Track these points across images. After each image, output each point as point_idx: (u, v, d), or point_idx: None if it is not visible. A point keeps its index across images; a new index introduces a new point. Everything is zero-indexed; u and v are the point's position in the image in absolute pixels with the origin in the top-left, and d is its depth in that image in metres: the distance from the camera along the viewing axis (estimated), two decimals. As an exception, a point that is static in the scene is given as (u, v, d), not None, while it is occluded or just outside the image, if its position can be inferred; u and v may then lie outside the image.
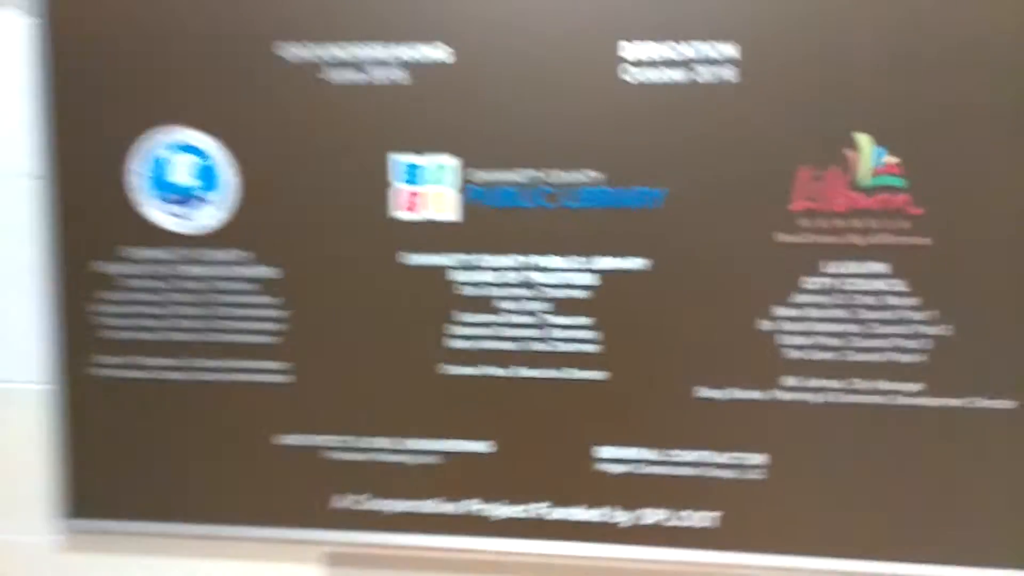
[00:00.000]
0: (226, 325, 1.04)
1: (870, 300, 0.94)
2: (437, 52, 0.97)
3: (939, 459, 0.95)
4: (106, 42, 1.01)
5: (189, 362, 1.05)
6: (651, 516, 1.00)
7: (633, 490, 1.00)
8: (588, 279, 0.98)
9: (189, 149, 1.03)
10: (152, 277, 1.04)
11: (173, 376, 1.05)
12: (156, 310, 1.04)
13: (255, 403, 1.04)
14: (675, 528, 1.00)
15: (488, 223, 0.98)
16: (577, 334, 0.99)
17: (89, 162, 1.03)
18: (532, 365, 1.00)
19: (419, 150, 0.98)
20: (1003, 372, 0.93)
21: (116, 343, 1.05)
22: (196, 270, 1.03)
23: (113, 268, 1.04)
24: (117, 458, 1.07)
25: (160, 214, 1.04)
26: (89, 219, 1.03)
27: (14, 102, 1.06)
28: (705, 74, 0.94)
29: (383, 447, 1.03)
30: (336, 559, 1.08)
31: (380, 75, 0.98)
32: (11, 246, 1.08)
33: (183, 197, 1.03)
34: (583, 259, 0.97)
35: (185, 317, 1.04)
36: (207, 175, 1.03)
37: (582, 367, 0.99)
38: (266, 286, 1.02)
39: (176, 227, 1.03)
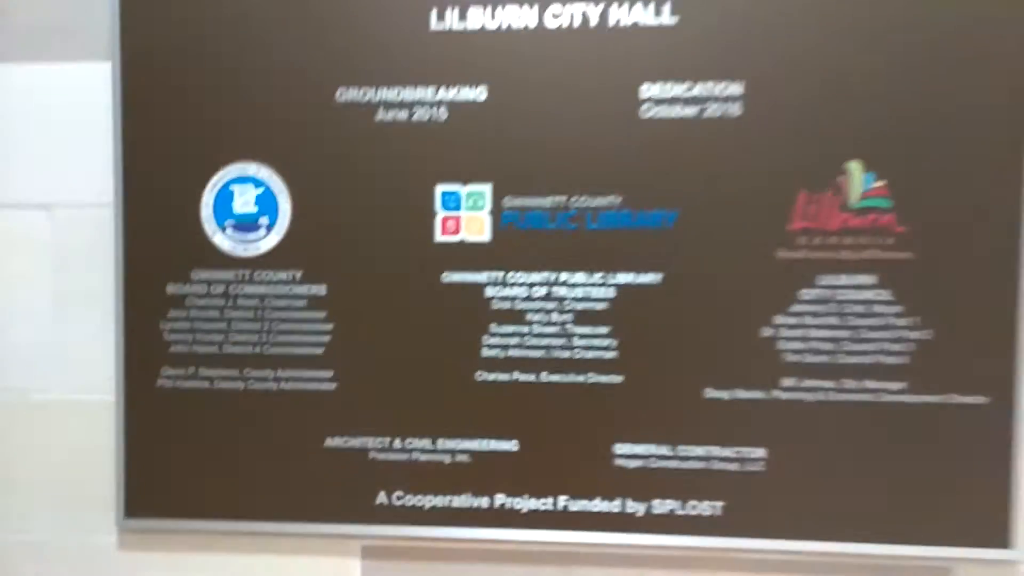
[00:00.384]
0: (278, 339, 0.89)
1: (859, 309, 0.84)
2: (473, 92, 0.87)
3: (920, 449, 0.83)
4: (179, 86, 0.89)
5: (245, 372, 0.90)
6: (662, 506, 0.86)
7: (646, 483, 0.86)
8: (607, 292, 0.86)
9: (250, 180, 0.89)
10: (214, 296, 0.90)
11: (230, 385, 0.90)
12: (217, 325, 0.90)
13: (305, 409, 0.89)
14: (684, 517, 0.86)
15: (518, 244, 0.86)
16: (596, 342, 0.86)
17: (165, 194, 0.90)
18: (556, 371, 0.87)
19: (457, 180, 0.87)
20: (976, 371, 0.82)
21: (181, 356, 0.90)
22: (252, 288, 0.90)
23: (183, 289, 0.90)
24: (178, 462, 0.91)
25: (224, 240, 0.89)
26: (164, 246, 0.90)
27: (99, 141, 0.92)
28: (713, 110, 0.84)
29: (421, 447, 0.88)
30: (376, 552, 0.91)
31: (423, 114, 0.87)
32: (90, 270, 0.92)
33: (244, 224, 0.89)
34: (602, 275, 0.86)
35: (242, 331, 0.89)
36: (265, 203, 0.89)
37: (601, 372, 0.86)
38: (313, 302, 0.89)
39: (237, 251, 0.89)
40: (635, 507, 0.87)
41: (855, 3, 0.82)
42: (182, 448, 0.91)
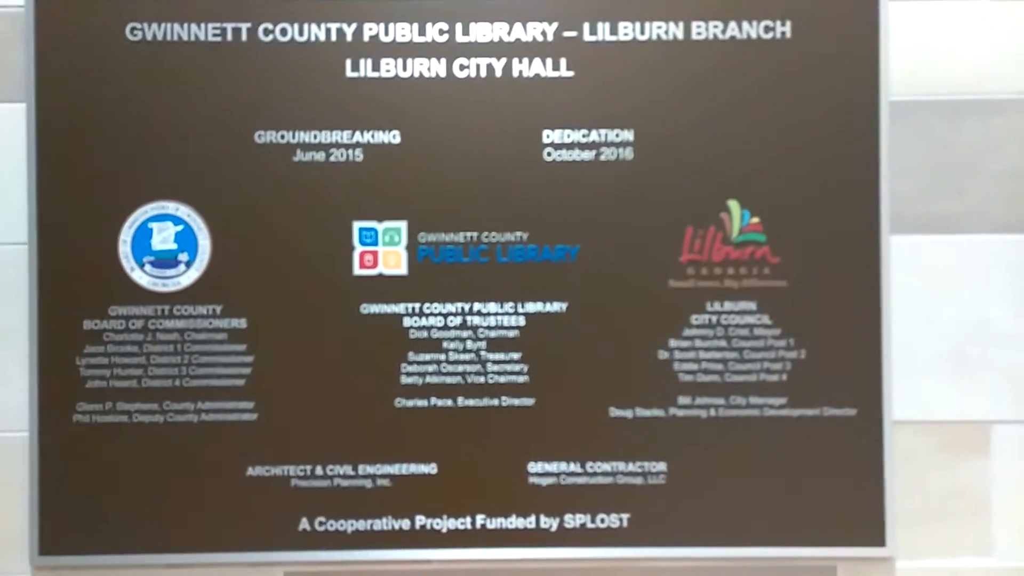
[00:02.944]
0: (199, 371, 0.90)
1: (743, 332, 0.91)
2: (387, 136, 0.91)
3: (802, 458, 0.91)
4: (95, 127, 0.90)
5: (165, 405, 0.90)
6: (573, 520, 0.91)
7: (558, 499, 0.91)
8: (517, 321, 0.91)
9: (169, 218, 0.91)
10: (133, 331, 0.90)
11: (150, 419, 0.90)
12: (136, 360, 0.90)
13: (226, 440, 0.90)
14: (594, 529, 0.91)
15: (434, 276, 0.91)
16: (509, 367, 0.91)
17: (81, 232, 0.90)
18: (472, 395, 0.91)
19: (374, 217, 0.91)
20: (845, 387, 0.91)
21: (98, 391, 0.90)
22: (171, 323, 0.90)
23: (100, 325, 0.90)
24: (95, 497, 0.90)
25: (143, 276, 0.90)
26: (80, 283, 0.90)
27: (14, 181, 0.91)
28: (608, 154, 0.91)
29: (342, 473, 0.90)
30: None
31: (340, 155, 0.91)
32: (3, 309, 0.92)
33: (163, 260, 0.91)
34: (513, 304, 0.91)
35: (161, 365, 0.90)
36: (185, 240, 0.91)
37: (514, 395, 0.91)
38: (233, 335, 0.90)
39: (156, 287, 0.90)
40: (548, 522, 0.92)
41: (725, 61, 0.92)
42: (99, 482, 0.91)
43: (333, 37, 0.92)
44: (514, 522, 0.92)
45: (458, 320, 0.92)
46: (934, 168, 0.93)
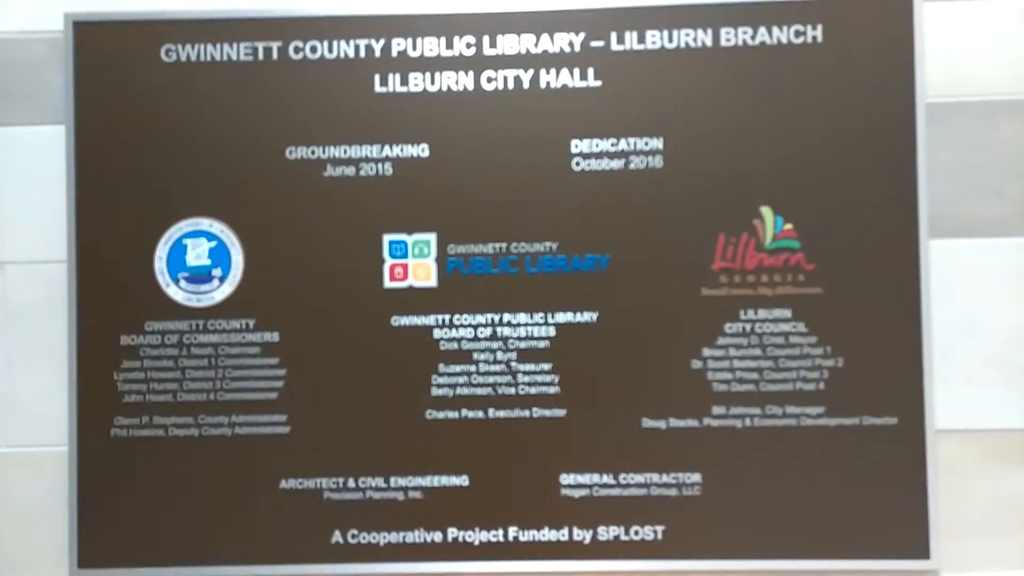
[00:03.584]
0: (232, 385, 0.91)
1: (778, 340, 0.90)
2: (416, 149, 0.92)
3: (841, 469, 0.89)
4: (131, 147, 0.92)
5: (199, 419, 0.91)
6: (607, 533, 0.90)
7: (591, 511, 0.90)
8: (548, 331, 0.90)
9: (203, 234, 0.92)
10: (168, 345, 0.91)
11: (185, 433, 0.91)
12: (171, 375, 0.91)
13: (259, 453, 0.91)
14: (627, 542, 0.90)
15: (463, 288, 0.91)
16: (540, 378, 0.90)
17: (118, 250, 0.92)
18: (502, 407, 0.91)
19: (404, 230, 0.91)
20: (884, 395, 0.89)
21: (135, 406, 0.91)
22: (205, 338, 0.92)
23: (136, 340, 0.92)
24: (132, 510, 0.91)
25: (178, 291, 0.92)
26: (117, 299, 0.92)
27: (53, 200, 0.93)
28: (637, 163, 0.91)
29: (374, 486, 0.90)
30: None
31: (369, 169, 0.92)
32: (42, 326, 0.93)
33: (198, 276, 0.92)
34: (543, 315, 0.91)
35: (196, 380, 0.91)
36: (218, 256, 0.92)
37: (545, 406, 0.90)
38: (266, 349, 0.91)
39: (191, 302, 0.92)
40: (581, 535, 0.91)
41: (755, 67, 0.91)
42: (136, 496, 0.92)
43: (362, 53, 0.93)
44: (547, 534, 0.91)
45: (488, 331, 0.91)
46: (972, 171, 0.91)
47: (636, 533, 0.90)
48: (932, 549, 0.89)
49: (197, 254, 0.93)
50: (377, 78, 0.93)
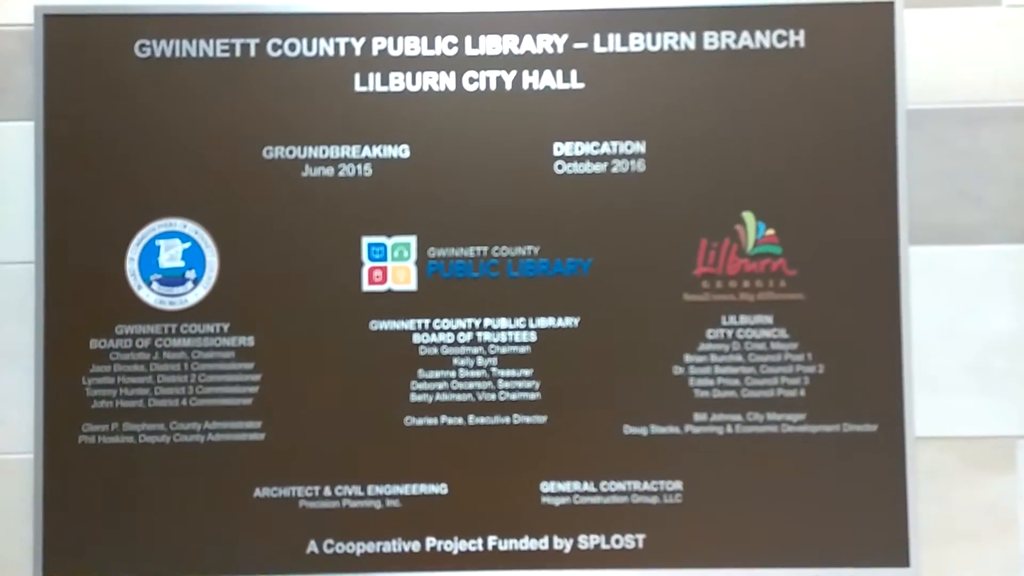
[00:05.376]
0: (206, 391, 0.88)
1: (760, 346, 0.89)
2: (396, 150, 0.90)
3: (822, 476, 0.88)
4: (103, 144, 0.89)
5: (172, 426, 0.88)
6: (587, 541, 0.88)
7: (572, 519, 0.88)
8: (529, 336, 0.89)
9: (177, 235, 0.89)
10: (139, 349, 0.89)
11: (156, 439, 0.88)
12: (142, 379, 0.88)
13: (233, 460, 0.88)
14: (608, 550, 0.88)
15: (443, 292, 0.89)
16: (520, 384, 0.89)
17: (88, 250, 0.89)
18: (483, 413, 0.89)
19: (383, 232, 0.90)
20: (865, 401, 0.89)
21: (104, 412, 0.88)
22: (178, 342, 0.89)
23: (106, 344, 0.89)
24: (100, 519, 0.88)
25: (150, 294, 0.89)
26: (87, 301, 0.89)
27: (21, 198, 0.90)
28: (620, 166, 0.90)
29: (351, 494, 0.88)
30: None
31: (348, 170, 0.90)
32: (9, 328, 0.90)
33: (171, 278, 0.89)
34: (524, 320, 0.89)
35: (168, 385, 0.88)
36: (192, 258, 0.89)
37: (525, 413, 0.89)
38: (241, 353, 0.89)
39: (163, 305, 0.89)
40: (562, 543, 0.89)
41: (738, 71, 0.91)
42: (105, 505, 0.89)
43: (342, 52, 0.91)
44: (527, 543, 0.89)
45: (468, 336, 0.90)
46: (953, 177, 0.91)
47: (617, 542, 0.89)
48: (912, 556, 0.88)
49: (170, 255, 0.90)
50: (357, 77, 0.91)
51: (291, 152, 0.90)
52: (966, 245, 0.91)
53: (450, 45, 0.91)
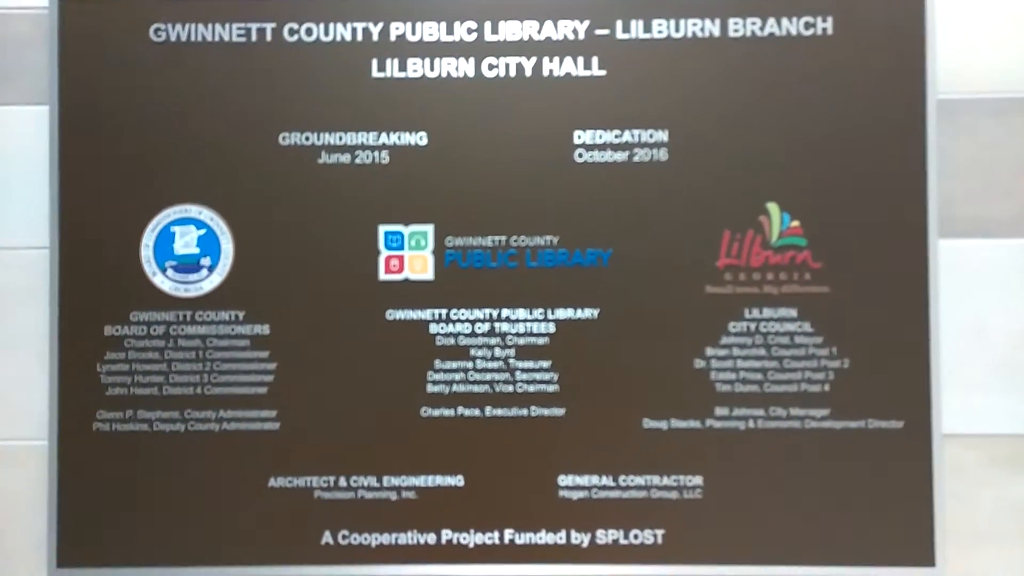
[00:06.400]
0: (219, 379, 0.87)
1: (783, 340, 0.87)
2: (414, 137, 0.88)
3: (845, 473, 0.86)
4: (118, 129, 0.88)
5: (186, 414, 0.87)
6: (605, 536, 0.87)
7: (590, 514, 0.87)
8: (547, 328, 0.87)
9: (192, 222, 0.88)
10: (154, 337, 0.87)
11: (171, 427, 0.87)
12: (157, 367, 0.87)
13: (248, 449, 0.87)
14: (627, 546, 0.87)
15: (461, 281, 0.88)
16: (538, 376, 0.87)
17: (103, 236, 0.88)
18: (500, 405, 0.87)
19: (400, 221, 0.88)
20: (891, 397, 0.86)
21: (118, 399, 0.87)
22: (193, 329, 0.88)
23: (121, 331, 0.88)
24: (114, 507, 0.87)
25: (165, 281, 0.88)
26: (102, 288, 0.88)
27: (36, 184, 0.90)
28: (642, 155, 0.88)
29: (366, 485, 0.87)
30: None
31: (365, 157, 0.88)
32: (24, 314, 0.89)
33: (186, 265, 0.88)
34: (543, 311, 0.87)
35: (183, 373, 0.87)
36: (207, 245, 0.88)
37: (543, 405, 0.87)
38: (256, 342, 0.87)
39: (178, 292, 0.88)
40: (579, 538, 0.88)
41: (763, 59, 0.88)
42: (119, 493, 0.88)
43: (359, 37, 0.89)
44: (544, 537, 0.88)
45: (486, 327, 0.88)
46: (983, 169, 0.89)
47: (636, 537, 0.87)
48: (937, 556, 0.86)
49: (185, 242, 0.89)
50: (375, 63, 0.89)
51: (307, 139, 0.89)
52: (996, 239, 0.89)
53: (469, 31, 0.89)
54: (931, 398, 0.87)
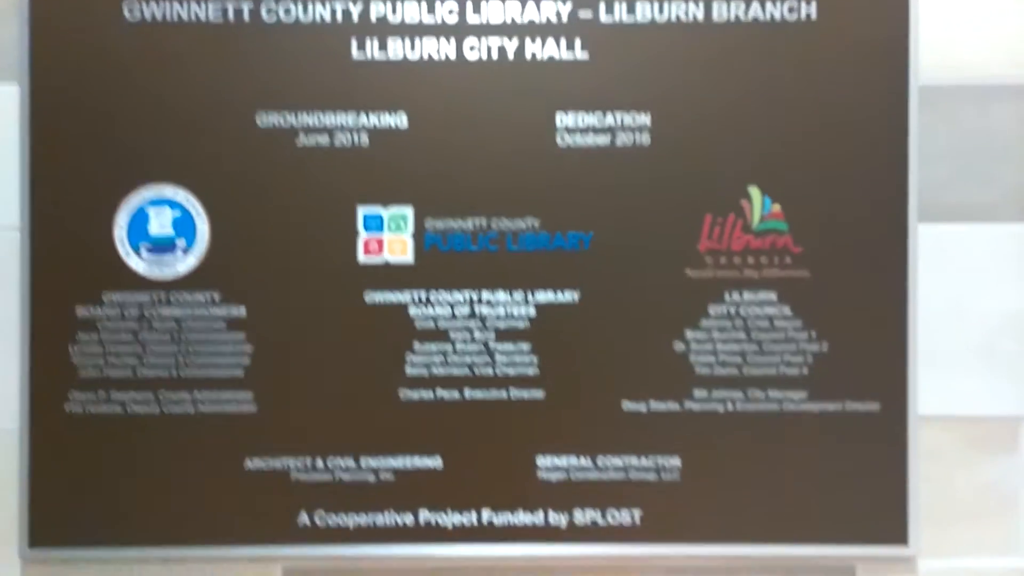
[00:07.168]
0: (195, 360, 0.86)
1: (763, 323, 0.87)
2: (394, 119, 0.87)
3: (822, 454, 0.87)
4: (91, 108, 0.86)
5: (161, 395, 0.86)
6: (583, 517, 0.87)
7: (568, 494, 0.87)
8: (527, 311, 0.87)
9: (167, 203, 0.86)
10: (128, 318, 0.86)
11: (145, 409, 0.85)
12: (131, 348, 0.86)
13: (224, 431, 0.86)
14: (605, 526, 0.87)
15: (441, 264, 0.87)
16: (518, 359, 0.87)
17: (76, 216, 0.86)
18: (479, 387, 0.87)
19: (380, 202, 0.87)
20: (868, 380, 0.87)
21: (91, 381, 0.86)
22: (168, 311, 0.86)
23: (94, 312, 0.86)
24: (88, 488, 0.86)
25: (139, 262, 0.86)
26: (74, 268, 0.86)
27: (6, 163, 0.86)
28: (624, 139, 0.87)
29: (344, 466, 0.86)
30: (298, 573, 0.87)
31: (345, 139, 0.87)
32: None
33: (161, 246, 0.86)
34: (523, 293, 0.87)
35: (158, 354, 0.86)
36: (183, 226, 0.86)
37: (523, 387, 0.87)
38: (233, 323, 0.86)
39: (153, 273, 0.86)
40: (558, 518, 0.88)
41: (746, 44, 0.87)
42: (92, 474, 0.87)
43: (339, 17, 0.87)
44: (522, 518, 0.87)
45: (466, 310, 0.87)
46: (965, 155, 0.89)
47: (613, 517, 0.87)
48: (911, 535, 0.87)
49: (160, 223, 0.87)
50: (354, 43, 0.87)
51: (285, 120, 0.87)
52: (976, 223, 0.89)
53: (451, 12, 0.88)
54: (908, 380, 0.87)
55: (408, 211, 0.87)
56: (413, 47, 0.88)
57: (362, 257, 0.87)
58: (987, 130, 0.89)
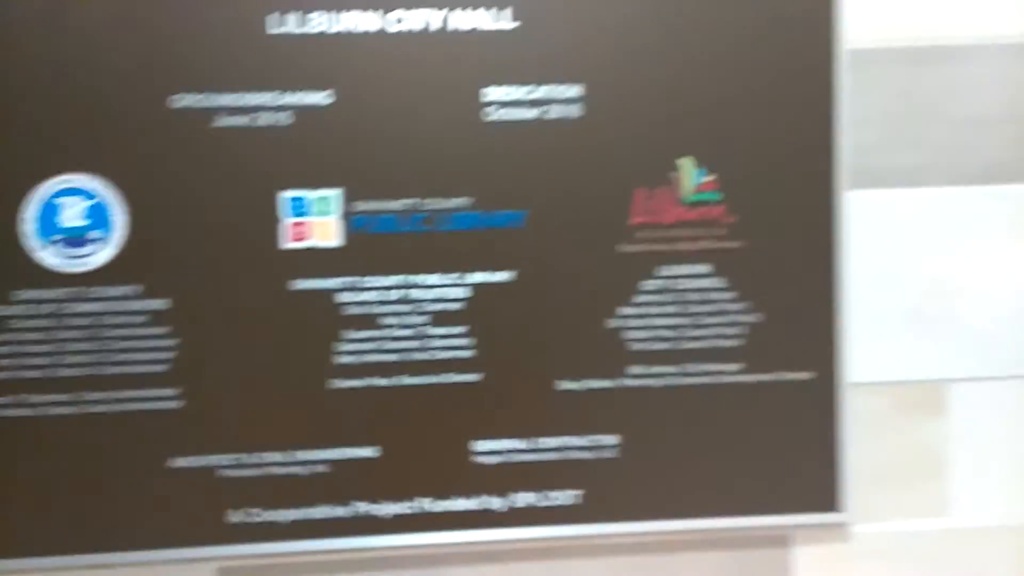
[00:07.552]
0: (116, 357, 0.82)
1: (697, 296, 0.86)
2: (317, 97, 0.83)
3: (758, 425, 0.87)
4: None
5: (78, 395, 0.82)
6: (522, 500, 0.86)
7: (505, 478, 0.86)
8: (461, 292, 0.85)
9: (79, 192, 0.81)
10: (41, 316, 0.81)
11: (63, 411, 0.82)
12: (44, 348, 0.81)
13: (149, 430, 0.83)
14: (543, 508, 0.86)
15: (371, 247, 0.84)
16: (453, 342, 0.85)
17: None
18: (413, 373, 0.85)
19: (304, 185, 0.83)
20: (802, 350, 0.87)
21: (2, 383, 0.81)
22: (85, 307, 0.82)
23: (3, 311, 0.81)
24: (2, 496, 0.82)
25: (50, 256, 0.81)
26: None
27: None
28: (554, 112, 0.84)
29: (275, 461, 0.84)
30: (234, 572, 0.86)
31: (265, 119, 0.82)
32: None
33: (74, 238, 0.82)
34: (457, 275, 0.84)
35: (75, 353, 0.82)
36: (97, 216, 0.82)
37: (458, 371, 0.85)
38: (155, 317, 0.82)
39: (66, 267, 0.81)
40: (496, 503, 0.87)
41: (677, 12, 0.85)
42: (7, 482, 0.83)
43: (255, -11, 0.83)
44: (459, 504, 0.86)
45: (398, 294, 0.85)
46: (893, 119, 0.89)
47: (554, 498, 0.87)
48: (843, 501, 0.88)
49: (72, 214, 0.82)
50: (273, 17, 0.83)
51: (200, 100, 0.83)
52: (904, 188, 0.89)
53: (375, -18, 0.84)
54: (840, 348, 0.88)
55: (334, 193, 0.84)
56: (335, 20, 0.84)
57: (287, 243, 0.84)
58: (915, 92, 0.89)
